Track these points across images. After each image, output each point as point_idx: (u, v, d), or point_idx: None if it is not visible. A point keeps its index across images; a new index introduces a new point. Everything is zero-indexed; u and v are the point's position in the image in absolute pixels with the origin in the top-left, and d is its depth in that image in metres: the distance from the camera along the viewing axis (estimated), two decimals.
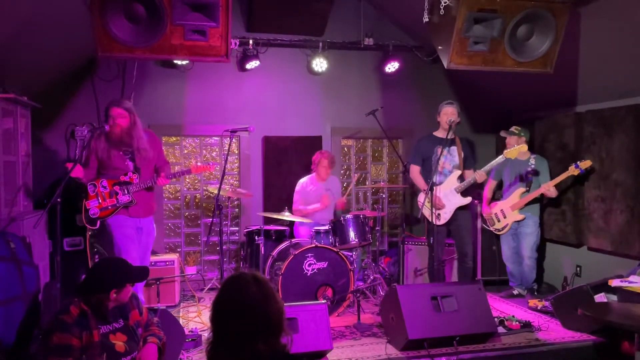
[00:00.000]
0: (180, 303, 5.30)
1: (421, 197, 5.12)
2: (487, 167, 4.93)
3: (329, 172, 5.65)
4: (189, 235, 6.25)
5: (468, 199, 4.95)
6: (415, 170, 5.18)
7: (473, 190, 5.13)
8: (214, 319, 1.80)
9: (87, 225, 4.19)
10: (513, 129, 5.31)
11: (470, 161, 5.15)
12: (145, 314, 2.98)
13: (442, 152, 4.88)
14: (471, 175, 4.90)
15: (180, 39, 3.88)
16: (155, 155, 4.38)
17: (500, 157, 4.82)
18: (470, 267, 5.09)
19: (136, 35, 3.80)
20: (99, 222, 4.19)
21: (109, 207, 4.16)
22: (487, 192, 5.64)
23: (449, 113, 4.93)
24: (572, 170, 5.03)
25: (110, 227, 4.21)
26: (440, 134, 5.06)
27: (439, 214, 4.88)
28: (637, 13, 4.06)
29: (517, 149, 4.80)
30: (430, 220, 4.90)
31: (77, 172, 4.00)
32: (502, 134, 5.38)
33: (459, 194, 4.93)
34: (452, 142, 5.02)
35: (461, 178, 4.99)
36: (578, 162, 5.03)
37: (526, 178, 5.32)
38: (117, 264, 2.84)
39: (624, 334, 3.81)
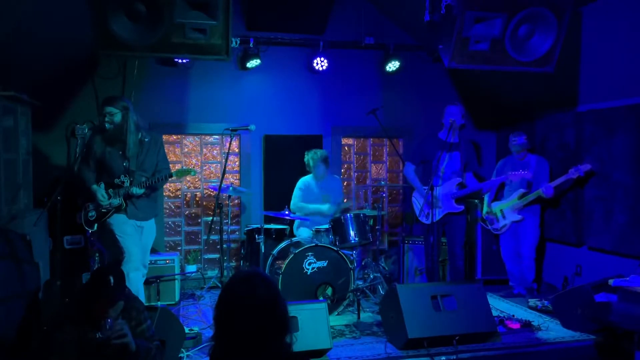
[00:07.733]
0: (180, 301, 5.31)
1: (415, 196, 5.14)
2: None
3: (324, 170, 5.56)
4: (189, 233, 6.25)
5: (460, 207, 4.94)
6: (409, 169, 5.15)
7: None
8: (220, 318, 1.75)
9: (85, 227, 4.22)
10: None
11: (472, 164, 5.09)
12: (144, 326, 2.92)
13: (443, 156, 4.88)
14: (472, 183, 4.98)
15: (180, 37, 3.87)
16: (152, 158, 4.28)
17: None
18: (460, 267, 5.07)
19: (137, 34, 3.79)
20: (96, 225, 4.20)
21: (103, 210, 4.16)
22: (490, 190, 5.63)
23: (451, 113, 4.92)
24: (572, 174, 5.03)
25: (111, 225, 4.20)
26: (444, 135, 5.04)
27: (427, 213, 4.88)
28: (637, 12, 4.05)
29: None
30: (420, 219, 4.92)
31: None
32: None
33: (453, 200, 4.93)
34: (455, 147, 5.01)
35: (460, 186, 4.97)
36: (579, 166, 5.03)
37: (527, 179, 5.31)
38: (101, 277, 2.77)
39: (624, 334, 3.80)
